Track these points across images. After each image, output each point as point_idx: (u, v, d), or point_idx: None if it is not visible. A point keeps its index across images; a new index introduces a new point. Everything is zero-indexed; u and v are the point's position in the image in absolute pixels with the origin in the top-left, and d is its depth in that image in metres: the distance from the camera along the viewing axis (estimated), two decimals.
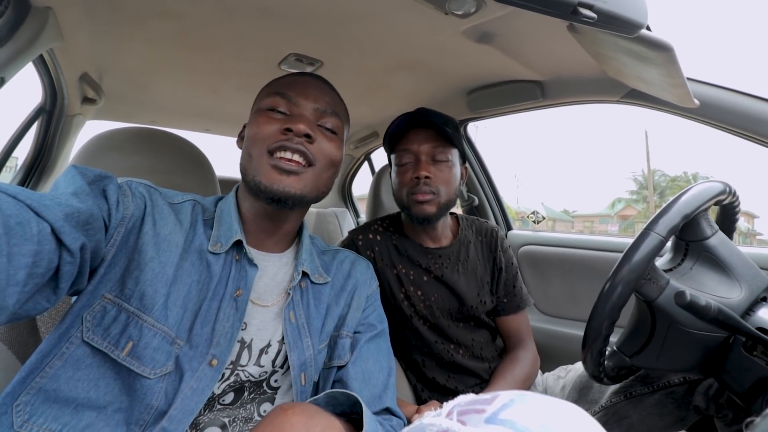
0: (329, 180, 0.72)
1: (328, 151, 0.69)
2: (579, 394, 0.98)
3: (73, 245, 0.49)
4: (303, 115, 0.68)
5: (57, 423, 0.51)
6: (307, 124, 0.65)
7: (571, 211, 43.62)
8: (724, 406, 0.80)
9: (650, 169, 31.53)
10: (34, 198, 0.47)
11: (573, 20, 0.63)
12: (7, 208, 0.43)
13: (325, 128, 0.70)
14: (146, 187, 0.66)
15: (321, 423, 0.46)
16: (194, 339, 0.59)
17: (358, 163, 2.65)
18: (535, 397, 0.33)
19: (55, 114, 1.40)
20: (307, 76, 0.75)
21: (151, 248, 0.59)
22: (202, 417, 0.59)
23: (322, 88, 0.73)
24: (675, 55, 0.75)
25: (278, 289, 0.70)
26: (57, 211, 0.48)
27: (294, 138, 0.64)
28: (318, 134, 0.68)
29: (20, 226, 0.43)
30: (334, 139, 0.71)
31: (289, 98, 0.69)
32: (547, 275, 1.62)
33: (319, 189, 0.70)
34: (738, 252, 0.77)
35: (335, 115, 0.72)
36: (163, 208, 0.65)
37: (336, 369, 0.71)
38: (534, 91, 1.27)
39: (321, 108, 0.70)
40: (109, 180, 0.60)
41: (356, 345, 0.73)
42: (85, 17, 1.01)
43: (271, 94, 0.70)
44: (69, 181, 0.56)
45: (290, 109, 0.69)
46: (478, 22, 0.93)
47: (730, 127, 0.96)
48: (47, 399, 0.51)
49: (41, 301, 0.48)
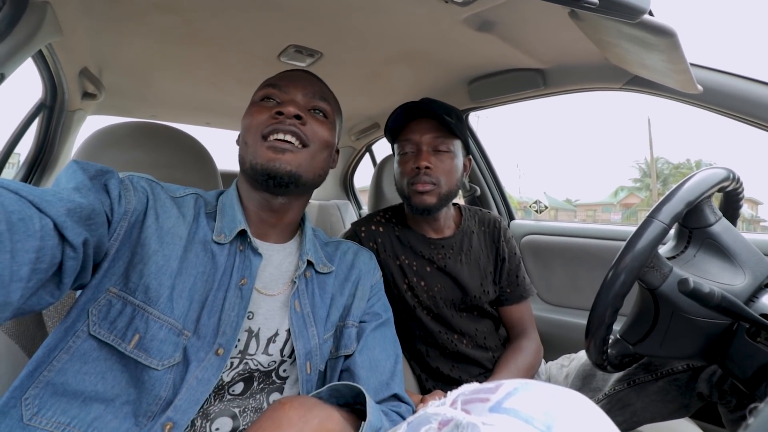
0: (324, 162, 0.73)
1: (320, 133, 0.71)
2: (582, 383, 0.99)
3: (76, 240, 0.49)
4: (293, 100, 0.71)
5: (66, 416, 0.51)
6: (297, 106, 0.68)
7: (573, 200, 43.53)
8: (728, 393, 0.80)
9: (653, 156, 31.33)
10: (36, 194, 0.47)
11: (574, 6, 0.63)
12: (10, 204, 0.43)
13: (316, 111, 0.72)
14: (148, 181, 0.66)
15: (319, 415, 0.46)
16: (201, 330, 0.60)
17: (360, 154, 2.65)
18: (539, 385, 0.33)
19: (56, 110, 1.40)
20: (297, 71, 0.78)
21: (154, 241, 0.60)
22: (212, 407, 0.60)
23: (310, 79, 0.76)
24: (678, 41, 0.74)
25: (284, 278, 0.71)
26: (59, 207, 0.48)
27: (286, 120, 0.67)
28: (309, 117, 0.70)
29: (23, 222, 0.43)
30: (325, 122, 0.73)
31: (279, 87, 0.72)
32: (549, 264, 1.62)
33: (315, 171, 0.71)
34: (742, 239, 0.76)
35: (325, 101, 0.74)
36: (165, 202, 0.65)
37: (343, 358, 0.72)
38: (536, 79, 1.26)
39: (310, 94, 0.73)
40: (110, 174, 0.60)
41: (362, 334, 0.74)
42: (84, 12, 1.00)
43: (263, 87, 0.74)
44: (70, 176, 0.57)
45: (281, 97, 0.71)
46: (479, 10, 0.92)
47: (734, 113, 0.95)
48: (55, 392, 0.52)
49: (45, 296, 0.48)
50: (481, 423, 0.31)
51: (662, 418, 0.90)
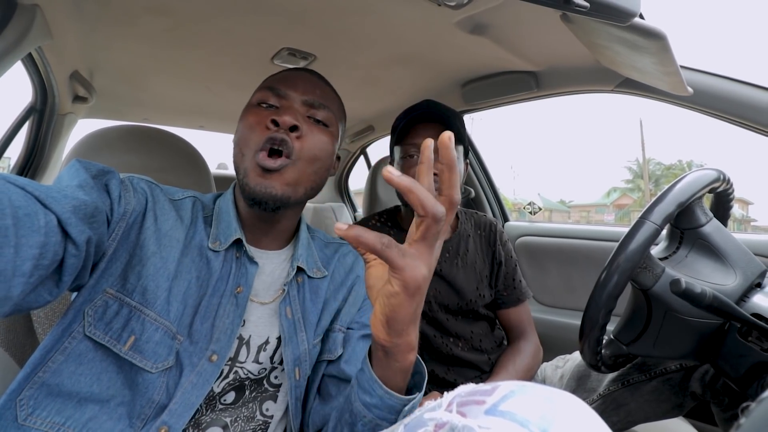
0: (318, 176, 0.69)
1: (317, 144, 0.66)
2: (577, 383, 0.99)
3: (79, 238, 0.49)
4: (291, 107, 0.66)
5: (60, 416, 0.51)
6: (294, 115, 0.63)
7: (567, 201, 43.83)
8: (720, 392, 0.81)
9: (645, 157, 31.63)
10: (42, 190, 0.47)
11: (566, 9, 0.63)
12: (17, 200, 0.43)
13: (315, 120, 0.68)
14: (147, 182, 0.66)
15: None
16: (194, 335, 0.60)
17: (354, 157, 2.65)
18: (536, 388, 0.33)
19: (46, 113, 1.38)
20: (299, 71, 0.73)
21: (152, 243, 0.60)
22: (204, 417, 0.59)
23: (312, 80, 0.71)
24: (668, 44, 0.74)
25: (276, 285, 0.70)
26: (65, 204, 0.48)
27: (280, 130, 0.63)
28: (307, 125, 0.66)
29: (28, 218, 0.43)
30: (324, 131, 0.68)
31: (277, 91, 0.67)
32: (544, 266, 1.62)
33: (307, 185, 0.67)
34: (732, 239, 0.77)
35: (326, 108, 0.69)
36: (164, 204, 0.65)
37: (326, 363, 0.69)
38: (528, 81, 1.27)
39: (310, 100, 0.68)
40: (111, 175, 0.60)
41: (349, 341, 0.71)
42: (74, 15, 0.99)
43: (262, 89, 0.69)
44: (73, 174, 0.57)
45: (279, 101, 0.67)
46: (471, 13, 0.93)
47: (723, 115, 0.96)
48: (50, 393, 0.52)
49: (44, 293, 0.48)
50: (477, 426, 0.31)
51: (656, 417, 0.90)
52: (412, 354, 0.47)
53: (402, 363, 0.46)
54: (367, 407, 0.50)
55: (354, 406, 0.51)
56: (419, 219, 0.39)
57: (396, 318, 0.42)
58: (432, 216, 0.38)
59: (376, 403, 0.49)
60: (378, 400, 0.49)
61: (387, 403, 0.49)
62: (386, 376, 0.48)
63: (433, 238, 0.40)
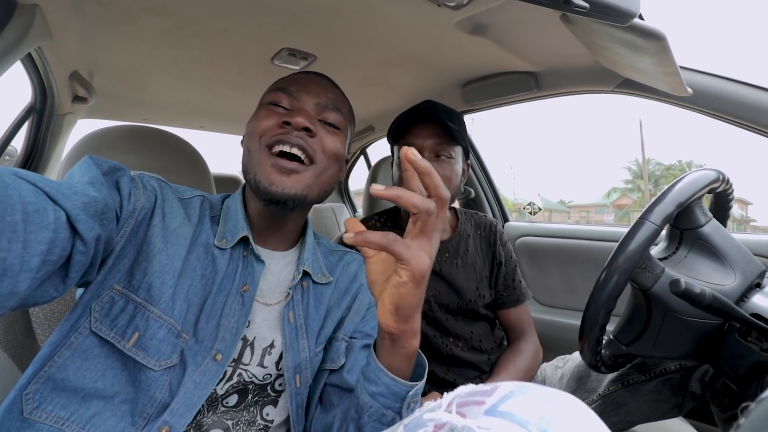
0: (331, 178, 0.70)
1: (329, 146, 0.67)
2: (577, 384, 0.99)
3: (88, 234, 0.49)
4: (303, 109, 0.67)
5: (65, 411, 0.52)
6: (307, 117, 0.64)
7: (567, 201, 43.85)
8: (720, 392, 0.81)
9: (645, 158, 31.65)
10: (53, 186, 0.47)
11: (565, 10, 0.63)
12: (27, 195, 0.43)
13: (327, 123, 0.69)
14: (158, 180, 0.67)
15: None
16: (200, 333, 0.60)
17: (355, 157, 2.65)
18: (536, 388, 0.33)
19: (46, 113, 1.38)
20: (311, 74, 0.74)
21: (159, 240, 0.60)
22: (206, 419, 0.59)
23: (324, 84, 0.72)
24: (668, 44, 0.74)
25: (281, 287, 0.70)
26: (74, 200, 0.48)
27: (293, 132, 0.63)
28: (318, 129, 0.66)
29: (37, 214, 0.44)
30: (336, 133, 0.69)
31: (290, 93, 0.68)
32: (544, 266, 1.62)
33: (321, 188, 0.68)
34: (732, 239, 0.77)
35: (337, 111, 0.70)
36: (173, 203, 0.65)
37: (328, 372, 0.69)
38: (528, 82, 1.27)
39: (323, 103, 0.69)
40: (122, 172, 0.61)
41: (351, 350, 0.70)
42: (74, 15, 0.99)
43: (274, 89, 0.70)
44: (85, 170, 0.57)
45: (291, 103, 0.68)
46: (471, 13, 0.93)
47: (723, 115, 0.97)
48: (56, 388, 0.52)
49: (49, 289, 0.49)
50: (477, 427, 0.31)
51: (656, 417, 0.90)
52: (417, 339, 0.50)
53: (408, 349, 0.50)
54: (373, 397, 0.52)
55: (360, 399, 0.53)
56: (414, 216, 0.43)
57: (404, 305, 0.45)
58: (425, 211, 0.42)
59: (382, 391, 0.52)
60: (384, 387, 0.51)
61: (392, 390, 0.51)
62: (391, 363, 0.51)
63: (431, 231, 0.44)
